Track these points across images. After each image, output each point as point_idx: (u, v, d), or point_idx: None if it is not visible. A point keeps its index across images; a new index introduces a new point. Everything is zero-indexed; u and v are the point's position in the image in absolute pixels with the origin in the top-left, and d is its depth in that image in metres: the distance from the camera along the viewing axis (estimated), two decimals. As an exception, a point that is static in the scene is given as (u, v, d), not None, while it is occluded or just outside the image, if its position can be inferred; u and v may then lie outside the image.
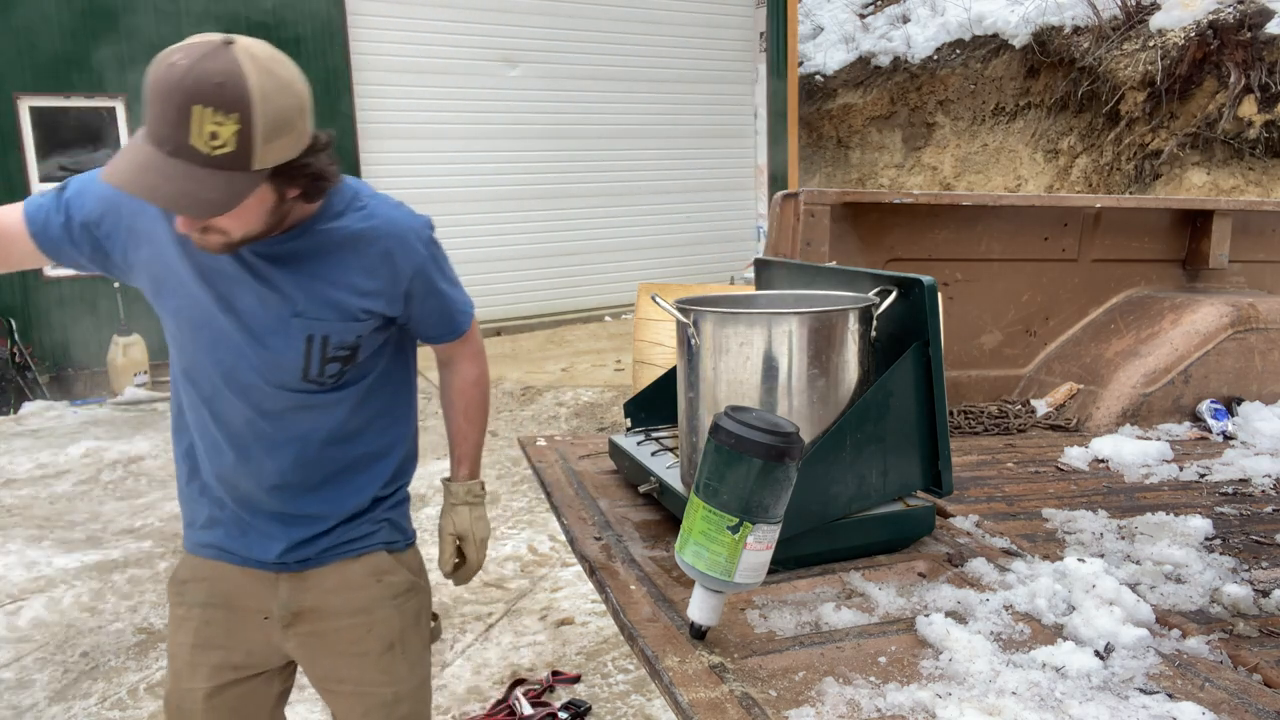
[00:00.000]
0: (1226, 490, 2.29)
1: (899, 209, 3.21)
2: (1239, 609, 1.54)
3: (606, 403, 6.65)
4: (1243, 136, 9.28)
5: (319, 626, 1.69)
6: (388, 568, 1.71)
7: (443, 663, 3.34)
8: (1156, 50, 9.64)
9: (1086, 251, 3.51)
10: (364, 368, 1.61)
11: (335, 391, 1.58)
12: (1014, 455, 2.69)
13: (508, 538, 4.47)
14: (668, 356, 4.05)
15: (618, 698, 3.08)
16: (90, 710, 3.14)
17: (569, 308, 10.31)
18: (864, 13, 13.75)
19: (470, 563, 1.83)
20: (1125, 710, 1.09)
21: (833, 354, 1.54)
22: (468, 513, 1.80)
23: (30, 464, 5.95)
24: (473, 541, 1.80)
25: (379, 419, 1.68)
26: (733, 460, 1.18)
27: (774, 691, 1.16)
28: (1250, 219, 3.69)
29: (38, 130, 7.65)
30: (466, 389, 1.79)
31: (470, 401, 1.80)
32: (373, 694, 1.72)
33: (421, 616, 1.79)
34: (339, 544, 1.66)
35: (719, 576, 1.21)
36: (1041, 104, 11.23)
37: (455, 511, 1.80)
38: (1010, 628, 1.32)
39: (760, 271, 2.13)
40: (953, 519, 1.87)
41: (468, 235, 9.61)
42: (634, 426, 2.12)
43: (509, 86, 9.74)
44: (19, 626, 3.73)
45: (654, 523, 1.78)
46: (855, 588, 1.47)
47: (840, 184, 13.11)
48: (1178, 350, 3.15)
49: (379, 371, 1.65)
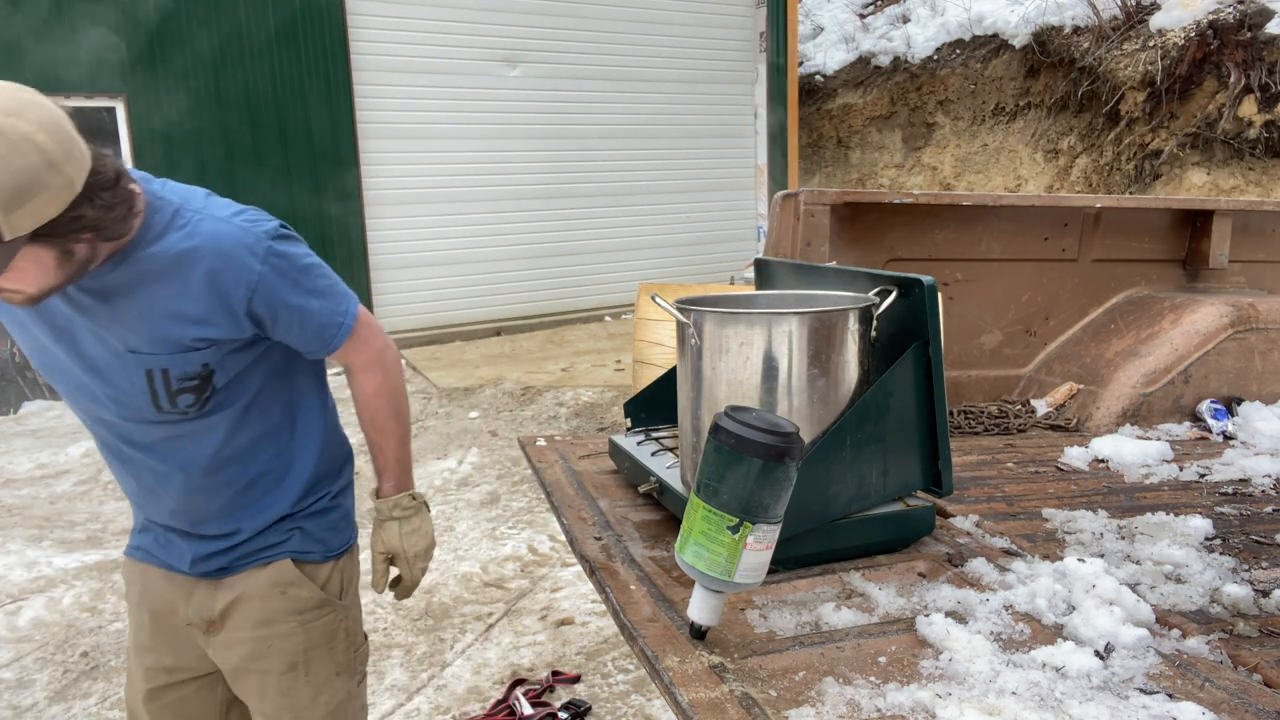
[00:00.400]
0: (1226, 490, 2.29)
1: (899, 209, 3.21)
2: (1239, 609, 1.54)
3: (606, 403, 6.65)
4: (1243, 136, 9.28)
5: (227, 637, 1.65)
6: (292, 579, 1.63)
7: (443, 663, 3.34)
8: (1156, 50, 9.64)
9: (1086, 251, 3.51)
10: (234, 390, 1.52)
11: (204, 418, 1.51)
12: (1014, 455, 2.69)
13: (508, 538, 4.47)
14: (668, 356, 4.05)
15: (618, 698, 3.08)
16: (90, 710, 3.14)
17: (569, 308, 10.31)
18: (864, 13, 13.75)
19: (406, 580, 1.75)
20: (1125, 710, 1.09)
21: (833, 354, 1.54)
22: (396, 528, 1.71)
23: (30, 464, 5.95)
24: (404, 557, 1.72)
25: (268, 440, 1.59)
26: (733, 460, 1.18)
27: (774, 691, 1.16)
28: (1250, 219, 3.69)
29: (37, 130, 7.65)
30: (368, 400, 1.66)
31: (375, 413, 1.67)
32: (271, 718, 1.66)
33: (335, 640, 1.69)
34: (251, 553, 1.62)
35: (719, 576, 1.21)
36: (1041, 104, 11.23)
37: (383, 528, 1.72)
38: (1010, 628, 1.32)
39: (760, 271, 2.13)
40: (953, 519, 1.87)
41: (468, 235, 9.62)
42: (634, 426, 2.12)
43: (509, 86, 9.73)
44: (19, 626, 3.73)
45: (654, 523, 1.78)
46: (855, 588, 1.47)
47: (840, 184, 13.10)
48: (1178, 350, 3.15)
49: (256, 391, 1.56)
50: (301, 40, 8.50)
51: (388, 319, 9.20)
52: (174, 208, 1.44)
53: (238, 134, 8.31)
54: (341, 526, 1.72)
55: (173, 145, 8.04)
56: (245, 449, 1.57)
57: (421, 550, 1.74)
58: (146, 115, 7.92)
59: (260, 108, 8.38)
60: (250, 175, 8.37)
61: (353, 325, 1.59)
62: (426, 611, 3.74)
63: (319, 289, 1.54)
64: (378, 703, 3.10)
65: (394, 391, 1.67)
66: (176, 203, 1.45)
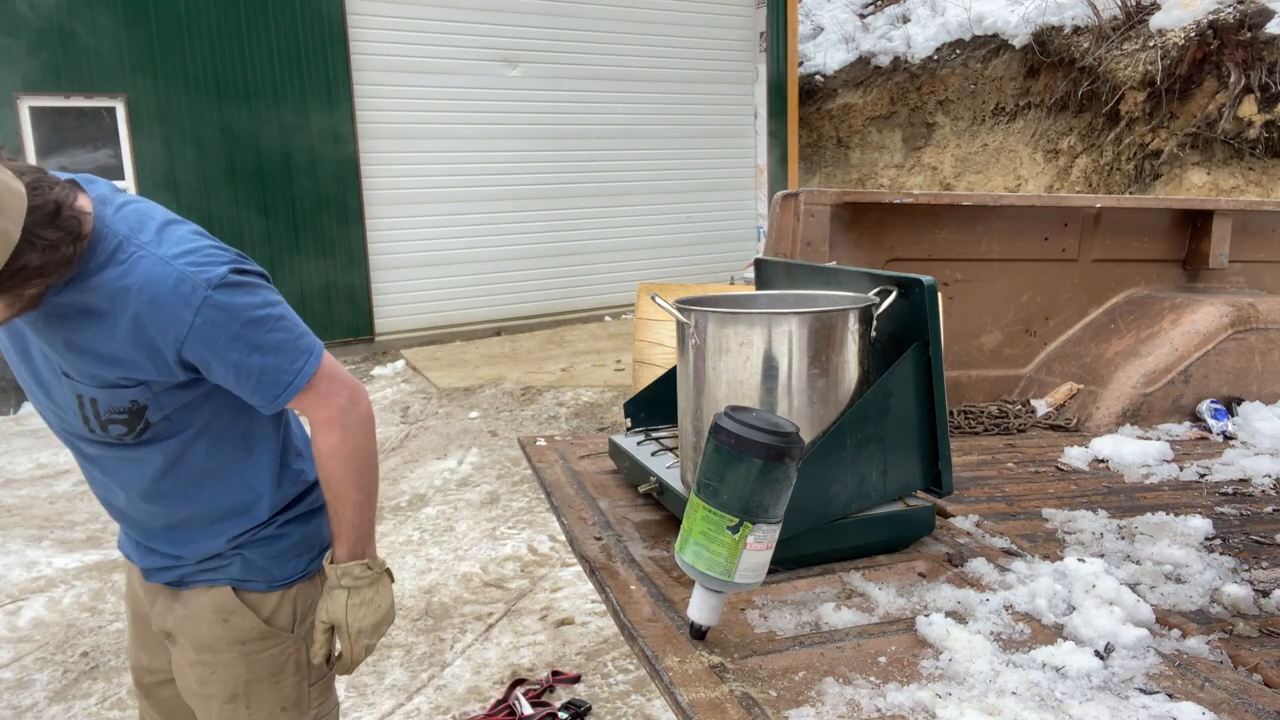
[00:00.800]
0: (1226, 490, 2.29)
1: (899, 209, 3.21)
2: (1239, 609, 1.54)
3: (606, 403, 6.65)
4: (1243, 136, 9.28)
5: (178, 655, 1.62)
6: (232, 608, 1.56)
7: (443, 663, 3.34)
8: (1156, 50, 9.64)
9: (1086, 251, 3.51)
10: (176, 423, 1.46)
11: (141, 446, 1.46)
12: (1014, 455, 2.69)
13: (508, 538, 4.47)
14: (668, 356, 4.05)
15: (618, 698, 3.08)
16: (90, 710, 3.14)
17: (569, 308, 10.31)
18: (864, 13, 13.75)
19: (345, 656, 1.60)
20: (1125, 710, 1.09)
21: (833, 354, 1.54)
22: (343, 599, 1.55)
23: (30, 464, 5.95)
24: (346, 632, 1.56)
25: (215, 477, 1.53)
26: (733, 460, 1.18)
27: (774, 691, 1.16)
28: (1250, 219, 3.69)
29: (38, 130, 7.65)
30: (324, 461, 1.52)
31: (330, 475, 1.52)
32: None
33: (283, 674, 1.60)
34: (196, 572, 1.58)
35: (719, 576, 1.21)
36: (1041, 104, 11.23)
37: (329, 597, 1.57)
38: (1010, 628, 1.32)
39: (760, 271, 2.13)
40: (953, 519, 1.87)
41: (468, 235, 9.62)
42: (634, 426, 2.12)
43: (509, 86, 9.74)
44: (19, 626, 3.73)
45: (654, 523, 1.78)
46: (855, 588, 1.47)
47: (840, 184, 13.10)
48: (1178, 350, 3.15)
49: (203, 426, 1.49)
50: (301, 40, 8.50)
51: (388, 319, 9.21)
52: (118, 240, 1.34)
53: (238, 134, 8.31)
54: (290, 556, 1.61)
55: (172, 145, 8.04)
56: (189, 482, 1.51)
57: (368, 626, 1.58)
58: (146, 115, 7.92)
59: (260, 108, 8.39)
60: (250, 175, 8.37)
61: (304, 383, 1.45)
62: (426, 611, 3.74)
63: (267, 344, 1.40)
64: (377, 703, 3.10)
65: (354, 453, 1.52)
66: (122, 234, 1.34)
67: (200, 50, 8.04)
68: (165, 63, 7.94)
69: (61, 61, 7.58)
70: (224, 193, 8.26)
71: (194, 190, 8.10)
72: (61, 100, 7.69)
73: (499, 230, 9.83)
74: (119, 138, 7.89)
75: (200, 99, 8.11)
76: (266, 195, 8.41)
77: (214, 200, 8.18)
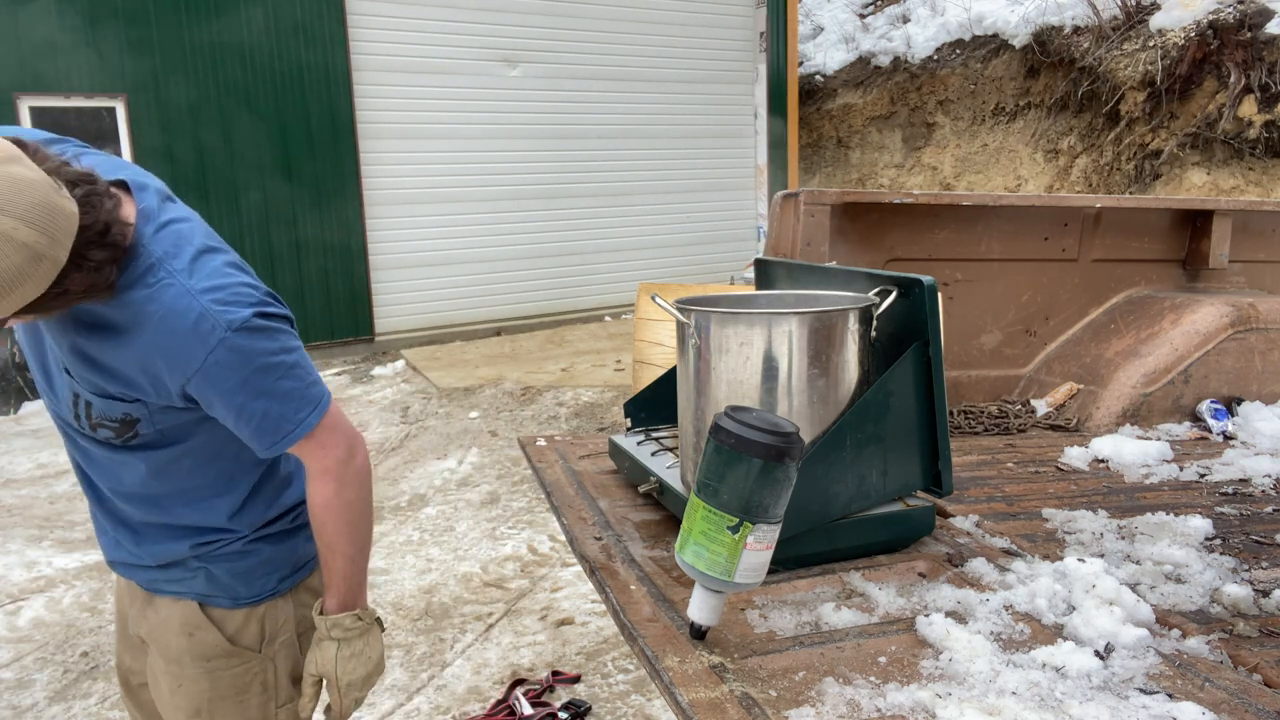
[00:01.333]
0: (1226, 490, 2.29)
1: (899, 209, 3.21)
2: (1239, 609, 1.54)
3: (606, 403, 6.65)
4: (1243, 136, 9.27)
5: (152, 661, 1.61)
6: (197, 623, 1.54)
7: (443, 663, 3.34)
8: (1156, 50, 9.64)
9: (1086, 251, 3.51)
10: (167, 436, 1.45)
11: (127, 451, 1.46)
12: (1014, 455, 2.69)
13: (508, 538, 4.47)
14: (668, 356, 4.05)
15: (618, 698, 3.08)
16: (90, 710, 3.14)
17: (569, 308, 10.31)
18: (864, 13, 13.75)
19: (334, 709, 1.57)
20: (1125, 710, 1.09)
21: (833, 354, 1.54)
22: (333, 650, 1.53)
23: (30, 464, 5.95)
24: (334, 684, 1.54)
25: (194, 497, 1.51)
26: (733, 460, 1.18)
27: (774, 691, 1.16)
28: (1250, 219, 3.69)
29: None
30: (317, 513, 1.49)
31: (322, 526, 1.50)
32: None
33: (248, 694, 1.58)
34: (162, 581, 1.57)
35: (719, 576, 1.21)
36: (1041, 104, 11.23)
37: (319, 648, 1.55)
38: (1010, 628, 1.32)
39: (760, 271, 2.13)
40: (953, 519, 1.87)
41: (468, 235, 9.62)
42: (634, 426, 2.12)
43: (509, 86, 9.74)
44: (19, 626, 3.73)
45: (654, 523, 1.78)
46: (855, 588, 1.47)
47: (840, 184, 13.10)
48: (1178, 350, 3.15)
49: (193, 446, 1.47)
50: (301, 40, 8.50)
51: (388, 319, 9.21)
52: (151, 261, 1.32)
53: (238, 134, 8.31)
54: (258, 574, 1.58)
55: (173, 145, 8.04)
56: (167, 494, 1.50)
57: (358, 679, 1.56)
58: (146, 115, 7.92)
59: (260, 107, 8.39)
60: (250, 175, 8.37)
61: (305, 434, 1.42)
62: (426, 611, 3.74)
63: (275, 391, 1.38)
64: (378, 703, 3.10)
65: (348, 506, 1.49)
66: (156, 256, 1.32)
67: (200, 50, 8.04)
68: (165, 63, 7.94)
69: (62, 61, 7.58)
70: (224, 193, 8.27)
71: (194, 190, 8.10)
72: (62, 100, 7.69)
73: (499, 230, 9.83)
74: (119, 138, 7.89)
75: (200, 99, 8.11)
76: (267, 196, 8.41)
77: (214, 200, 8.18)
